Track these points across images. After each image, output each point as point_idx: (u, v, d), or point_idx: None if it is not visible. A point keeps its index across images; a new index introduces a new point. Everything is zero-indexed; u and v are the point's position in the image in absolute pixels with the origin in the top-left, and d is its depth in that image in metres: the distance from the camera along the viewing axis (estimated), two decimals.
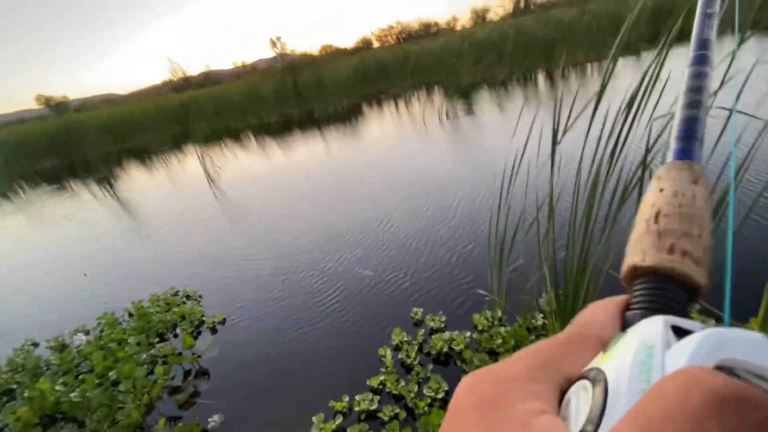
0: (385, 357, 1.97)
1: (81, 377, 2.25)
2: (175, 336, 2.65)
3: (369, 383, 1.85)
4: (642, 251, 0.21)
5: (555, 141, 1.56)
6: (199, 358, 2.34)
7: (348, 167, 5.90)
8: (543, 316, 1.98)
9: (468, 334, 1.99)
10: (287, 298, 2.74)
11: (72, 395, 2.01)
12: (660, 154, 1.39)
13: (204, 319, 2.71)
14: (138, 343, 2.46)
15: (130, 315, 2.96)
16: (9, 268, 4.94)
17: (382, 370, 1.91)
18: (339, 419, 1.71)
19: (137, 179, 8.72)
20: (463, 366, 1.86)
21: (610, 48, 1.44)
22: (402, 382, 1.81)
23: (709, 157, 1.40)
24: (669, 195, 0.22)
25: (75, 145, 12.33)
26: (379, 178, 4.88)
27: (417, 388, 1.78)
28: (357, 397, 1.78)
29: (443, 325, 2.13)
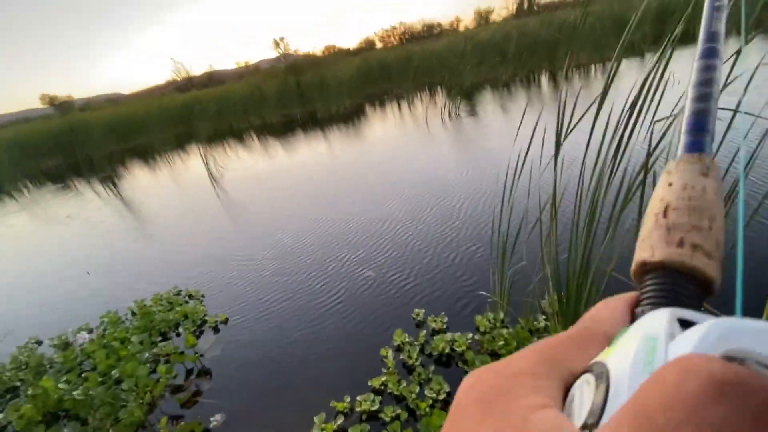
0: (386, 358, 1.97)
1: (84, 375, 2.26)
2: (177, 335, 2.66)
3: (370, 384, 1.85)
4: (651, 246, 0.20)
5: (559, 142, 1.56)
6: (201, 357, 2.34)
7: (351, 168, 5.90)
8: (545, 318, 1.98)
9: (470, 335, 1.99)
10: (289, 299, 2.75)
11: (75, 393, 2.02)
12: (663, 156, 1.38)
13: (206, 318, 2.72)
14: (141, 342, 2.47)
15: (133, 314, 2.97)
16: (13, 267, 4.96)
17: (384, 370, 1.91)
18: (340, 419, 1.72)
19: (141, 178, 8.76)
20: (464, 367, 1.86)
21: (613, 49, 1.44)
22: (403, 383, 1.81)
23: (713, 156, 1.39)
24: (678, 188, 0.21)
25: (79, 145, 12.37)
26: (382, 179, 4.88)
27: (418, 389, 1.77)
28: (358, 397, 1.78)
29: (445, 327, 2.13)
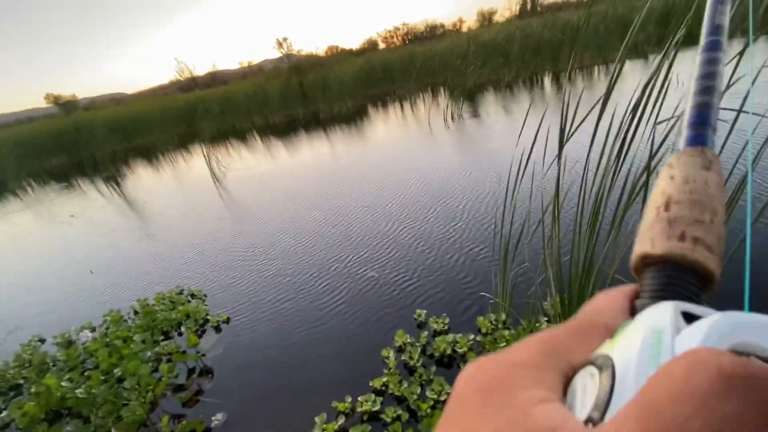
0: (388, 358, 1.97)
1: (87, 373, 2.27)
2: (179, 334, 2.66)
3: (372, 384, 1.85)
4: (652, 239, 0.20)
5: (562, 143, 1.56)
6: (203, 356, 2.35)
7: (353, 168, 5.91)
8: (547, 319, 1.97)
9: (471, 336, 1.99)
10: (291, 299, 2.75)
11: (78, 391, 2.02)
12: (666, 157, 1.38)
13: (208, 317, 2.73)
14: (143, 341, 2.48)
15: (136, 313, 2.99)
16: (17, 265, 4.99)
17: (385, 371, 1.91)
18: (341, 420, 1.72)
19: (144, 178, 8.79)
20: None
21: (617, 51, 1.43)
22: (405, 384, 1.81)
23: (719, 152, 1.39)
24: (680, 182, 0.21)
25: (83, 144, 12.43)
26: (385, 180, 4.88)
27: (420, 390, 1.77)
28: (360, 398, 1.78)
29: (447, 328, 2.13)
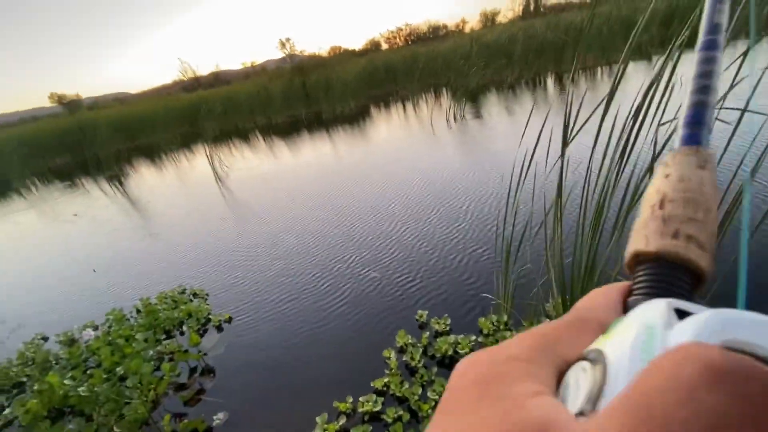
0: (389, 359, 1.97)
1: (89, 372, 2.27)
2: (181, 333, 2.67)
3: (373, 385, 1.85)
4: (645, 237, 0.21)
5: (564, 144, 1.56)
6: (204, 355, 2.35)
7: (356, 168, 5.91)
8: (549, 321, 1.97)
9: (473, 337, 1.99)
10: (294, 299, 2.76)
11: (80, 389, 2.03)
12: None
13: (210, 317, 2.73)
14: (145, 340, 2.49)
15: (138, 312, 3.00)
16: (21, 264, 5.02)
17: (387, 372, 1.91)
18: (342, 420, 1.72)
19: (147, 177, 8.82)
20: None
21: (620, 52, 1.43)
22: (406, 385, 1.81)
23: (720, 158, 1.39)
24: (675, 180, 0.21)
25: (87, 143, 12.47)
26: (387, 180, 4.88)
27: (421, 390, 1.77)
28: (361, 398, 1.78)
29: (448, 328, 2.12)
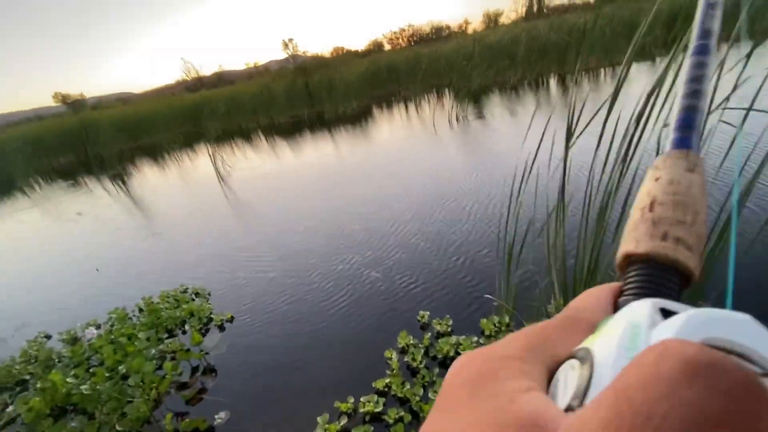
0: (391, 359, 1.97)
1: (92, 370, 2.28)
2: (183, 332, 2.68)
3: (374, 385, 1.85)
4: (636, 239, 0.21)
5: (567, 145, 1.56)
6: (206, 355, 2.36)
7: (358, 169, 5.92)
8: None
9: (475, 338, 1.98)
10: (295, 299, 2.76)
11: (83, 388, 2.04)
12: None
13: (212, 316, 2.74)
14: (147, 339, 2.50)
15: (141, 310, 3.01)
16: (24, 262, 5.04)
17: (388, 372, 1.91)
18: (344, 420, 1.72)
19: (150, 177, 8.86)
20: None
21: (623, 53, 1.43)
22: (407, 385, 1.81)
23: (722, 161, 1.38)
24: (664, 183, 0.22)
25: (90, 143, 12.54)
26: (390, 181, 4.88)
27: (422, 391, 1.77)
28: (362, 398, 1.78)
29: (450, 330, 2.12)
